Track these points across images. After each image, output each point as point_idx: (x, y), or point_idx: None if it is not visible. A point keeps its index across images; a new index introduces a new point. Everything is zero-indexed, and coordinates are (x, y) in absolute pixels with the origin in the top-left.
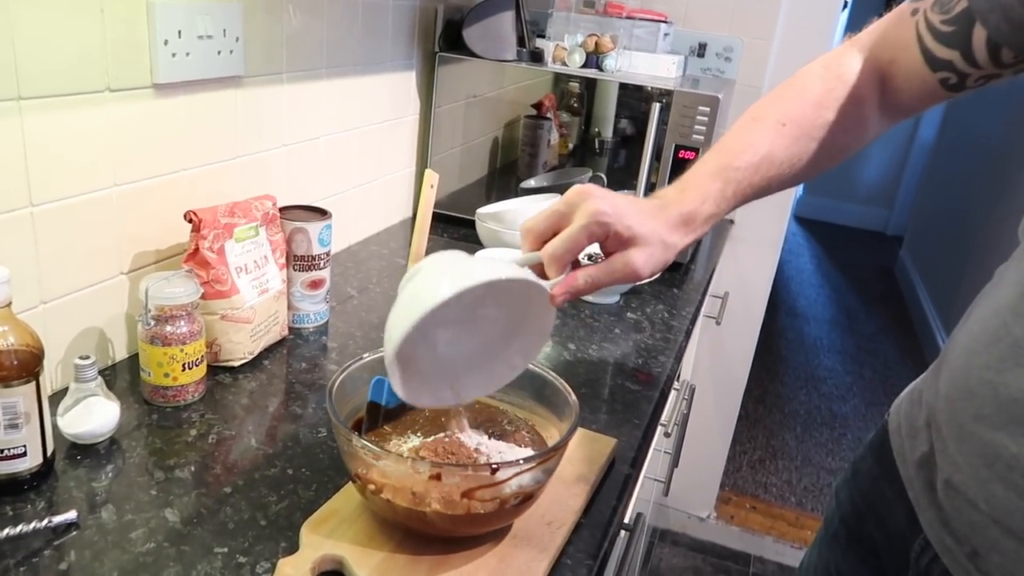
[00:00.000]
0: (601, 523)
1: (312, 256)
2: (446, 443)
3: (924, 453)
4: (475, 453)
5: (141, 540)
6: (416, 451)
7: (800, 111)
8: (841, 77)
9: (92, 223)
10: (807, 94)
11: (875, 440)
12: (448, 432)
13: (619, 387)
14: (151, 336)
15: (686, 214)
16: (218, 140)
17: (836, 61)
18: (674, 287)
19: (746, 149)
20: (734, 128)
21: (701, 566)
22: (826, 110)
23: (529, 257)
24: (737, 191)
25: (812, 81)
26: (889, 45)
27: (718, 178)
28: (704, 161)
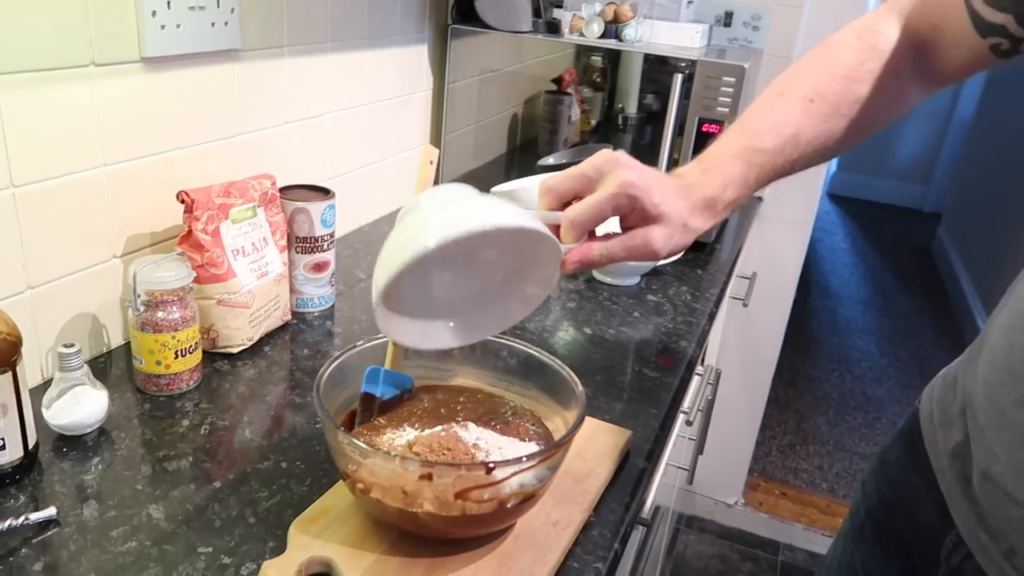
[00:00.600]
0: (612, 522)
1: (315, 238)
2: (442, 438)
3: (958, 442)
4: (473, 449)
5: (122, 539)
6: (410, 446)
7: (829, 85)
8: (876, 46)
9: (81, 205)
10: (838, 66)
11: (905, 428)
12: (446, 426)
13: (637, 374)
14: (141, 323)
15: (708, 199)
16: (215, 117)
17: (870, 28)
18: (698, 268)
19: (771, 129)
20: (758, 102)
21: (728, 553)
22: (858, 83)
23: (547, 215)
24: (760, 175)
25: (843, 51)
26: (931, 10)
27: (741, 161)
28: (727, 138)
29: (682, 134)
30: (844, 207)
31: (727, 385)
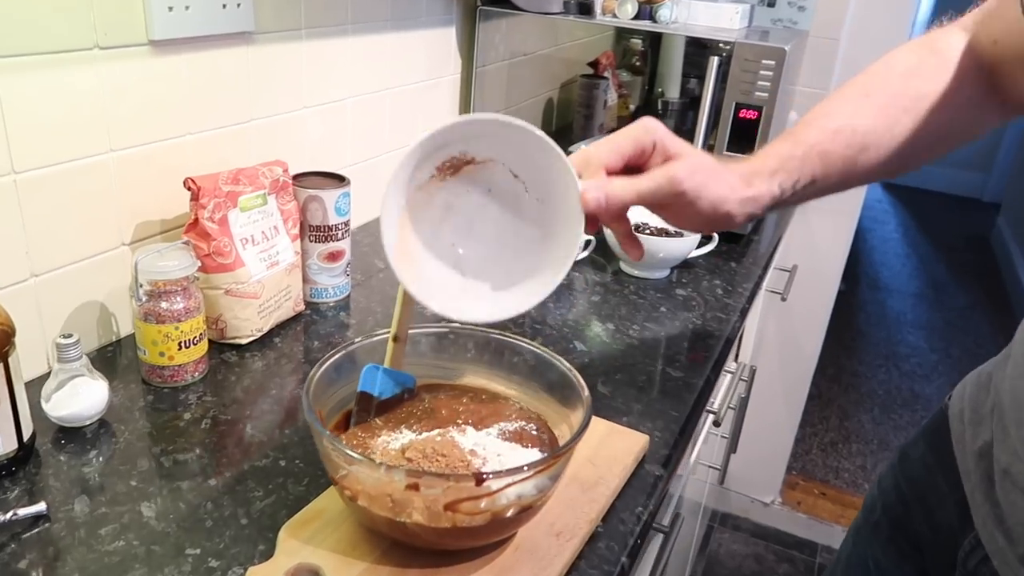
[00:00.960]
0: (621, 533)
1: (328, 226)
2: (437, 443)
3: (986, 442)
4: (469, 455)
5: (110, 537)
6: (404, 451)
7: (885, 81)
8: (936, 51)
9: (87, 191)
10: (894, 67)
11: (931, 425)
12: (443, 429)
13: (659, 373)
14: (144, 313)
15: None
16: (227, 102)
17: (931, 37)
18: (732, 261)
19: (820, 116)
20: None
21: (763, 553)
22: (917, 79)
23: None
24: (809, 154)
25: (900, 56)
26: (992, 23)
27: (787, 140)
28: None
29: (718, 120)
30: (897, 195)
31: (764, 381)
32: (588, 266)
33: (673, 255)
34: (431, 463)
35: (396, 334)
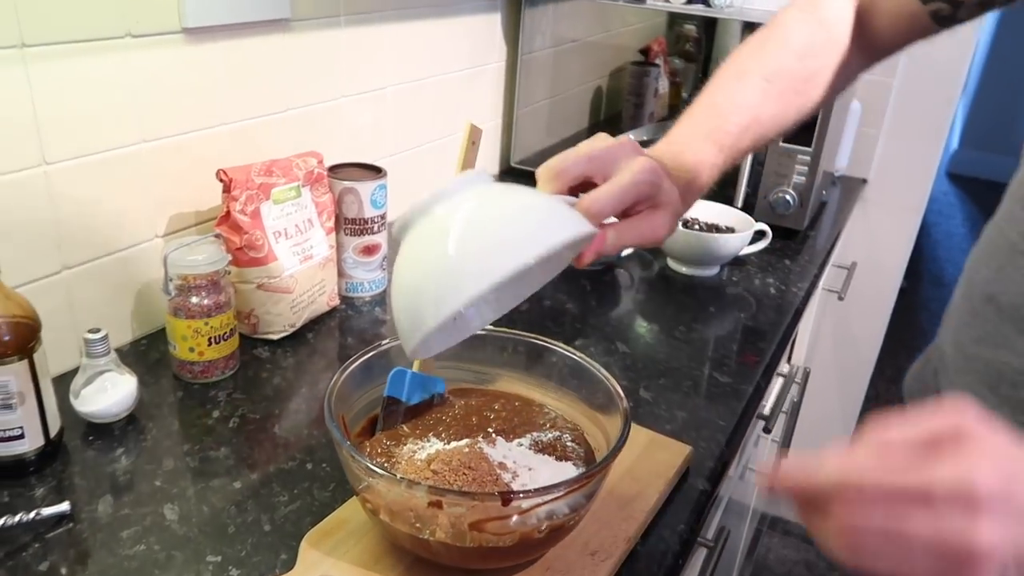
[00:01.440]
0: (660, 553)
1: (364, 219)
2: (465, 454)
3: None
4: (498, 469)
5: (131, 541)
6: (430, 462)
7: (782, 64)
8: (823, 21)
9: (119, 181)
10: (789, 43)
11: None
12: (472, 440)
13: (705, 378)
14: (174, 308)
15: (687, 184)
16: (263, 91)
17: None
18: (786, 258)
19: (735, 111)
20: (717, 82)
21: (814, 560)
22: (810, 59)
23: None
24: (727, 158)
25: (793, 27)
26: None
27: (712, 143)
28: (694, 117)
29: None
30: (964, 188)
31: (818, 383)
32: (634, 262)
33: (724, 252)
34: (457, 476)
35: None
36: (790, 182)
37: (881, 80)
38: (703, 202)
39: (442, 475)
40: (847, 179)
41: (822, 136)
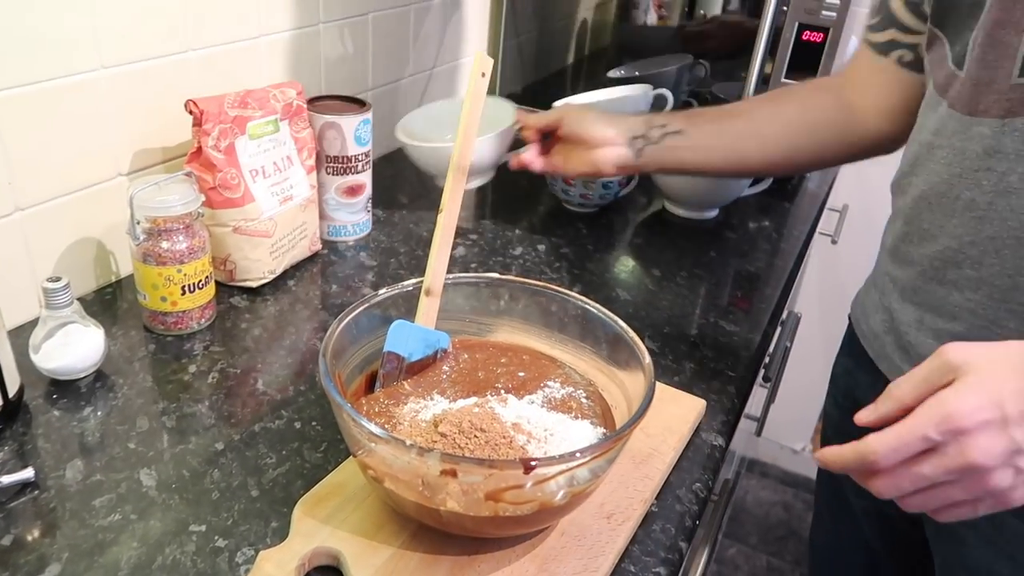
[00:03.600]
0: (678, 513)
1: (347, 157)
2: (475, 415)
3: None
4: (512, 430)
5: (104, 510)
6: (436, 423)
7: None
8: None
9: (75, 114)
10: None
11: (844, 342)
12: (481, 398)
13: (711, 327)
14: (143, 253)
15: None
16: (234, 14)
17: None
18: (785, 200)
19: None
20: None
21: (791, 501)
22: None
23: None
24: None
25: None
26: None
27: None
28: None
29: (778, 43)
30: None
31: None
32: (629, 204)
33: (725, 193)
34: (468, 439)
35: (429, 287)
36: None
37: None
38: None
39: (452, 438)
40: None
41: (826, 72)
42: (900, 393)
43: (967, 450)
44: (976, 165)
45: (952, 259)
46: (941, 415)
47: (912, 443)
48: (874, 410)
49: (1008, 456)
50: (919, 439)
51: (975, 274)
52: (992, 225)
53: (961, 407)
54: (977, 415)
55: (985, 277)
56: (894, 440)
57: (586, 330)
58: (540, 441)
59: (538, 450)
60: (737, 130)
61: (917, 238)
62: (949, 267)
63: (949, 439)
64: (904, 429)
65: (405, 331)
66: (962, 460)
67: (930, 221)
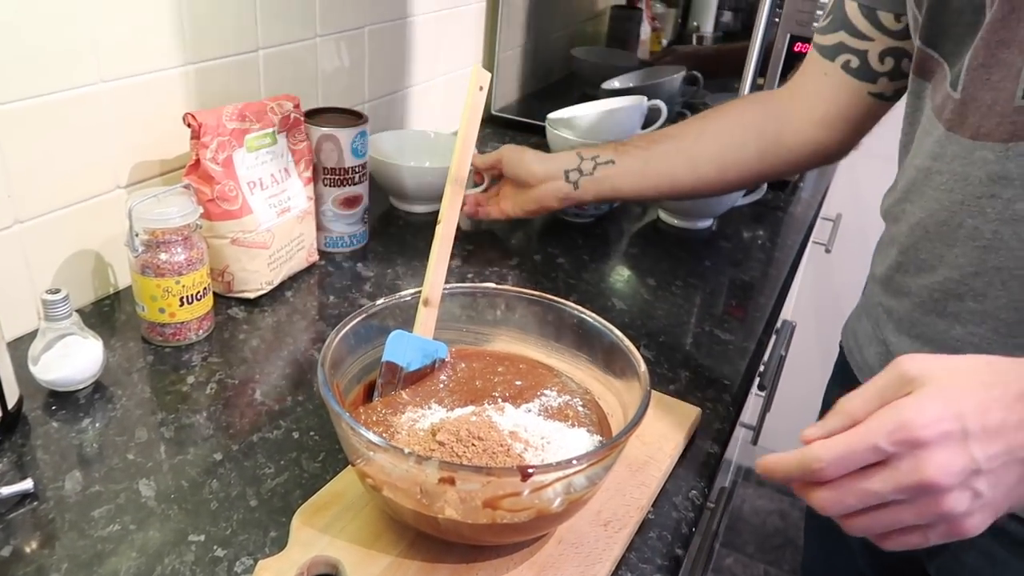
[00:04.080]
0: (674, 521)
1: (345, 169)
2: (472, 423)
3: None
4: (509, 439)
5: (104, 520)
6: (434, 432)
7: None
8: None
9: (75, 127)
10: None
11: (835, 371)
12: (478, 407)
13: (706, 336)
14: (142, 265)
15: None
16: (232, 29)
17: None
18: (778, 209)
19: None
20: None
21: (788, 510)
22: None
23: None
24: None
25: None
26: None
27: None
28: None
29: (770, 55)
30: None
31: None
32: (624, 214)
33: (717, 203)
34: (466, 447)
35: (427, 297)
36: None
37: None
38: None
39: (449, 447)
40: None
41: None
42: (852, 407)
43: (923, 465)
44: (980, 192)
45: (954, 291)
46: (895, 423)
47: (861, 453)
48: (822, 426)
49: (966, 475)
50: (869, 449)
51: (979, 307)
52: (998, 255)
53: (918, 416)
54: (936, 426)
55: (990, 310)
56: (842, 448)
57: (582, 339)
58: (537, 449)
59: (535, 458)
60: (665, 152)
61: (914, 268)
62: (950, 299)
63: (903, 451)
64: (854, 437)
65: (403, 341)
66: (916, 476)
67: (928, 251)
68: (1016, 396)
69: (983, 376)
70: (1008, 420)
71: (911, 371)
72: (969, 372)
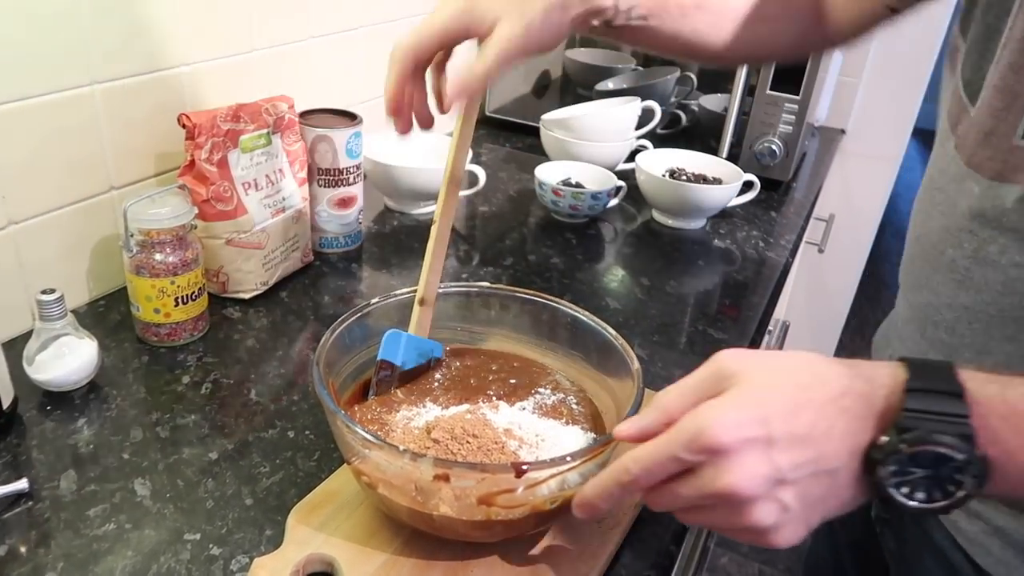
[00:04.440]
0: (668, 519)
1: (339, 169)
2: (467, 421)
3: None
4: (504, 436)
5: (99, 520)
6: (429, 430)
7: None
8: None
9: (68, 128)
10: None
11: None
12: (472, 405)
13: (700, 334)
14: (136, 266)
15: None
16: (226, 29)
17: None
18: (771, 209)
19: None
20: None
21: None
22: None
23: None
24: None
25: None
26: None
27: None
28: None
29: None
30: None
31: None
32: (618, 214)
33: (712, 204)
34: (461, 445)
35: (423, 296)
36: (776, 131)
37: None
38: (689, 152)
39: (444, 444)
40: (826, 129)
41: (810, 84)
42: (667, 401)
43: (723, 474)
44: (961, 224)
45: (931, 317)
46: (694, 431)
47: (665, 463)
48: (636, 421)
49: (770, 485)
50: (671, 459)
51: (948, 339)
52: (968, 294)
53: (719, 422)
54: (737, 432)
55: (956, 346)
56: (647, 460)
57: (576, 338)
58: (531, 446)
59: (529, 455)
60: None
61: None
62: (928, 324)
63: (705, 459)
64: (657, 448)
65: (399, 340)
66: (716, 485)
67: (919, 269)
68: (830, 399)
69: (801, 377)
70: (817, 426)
71: (728, 367)
72: (787, 371)
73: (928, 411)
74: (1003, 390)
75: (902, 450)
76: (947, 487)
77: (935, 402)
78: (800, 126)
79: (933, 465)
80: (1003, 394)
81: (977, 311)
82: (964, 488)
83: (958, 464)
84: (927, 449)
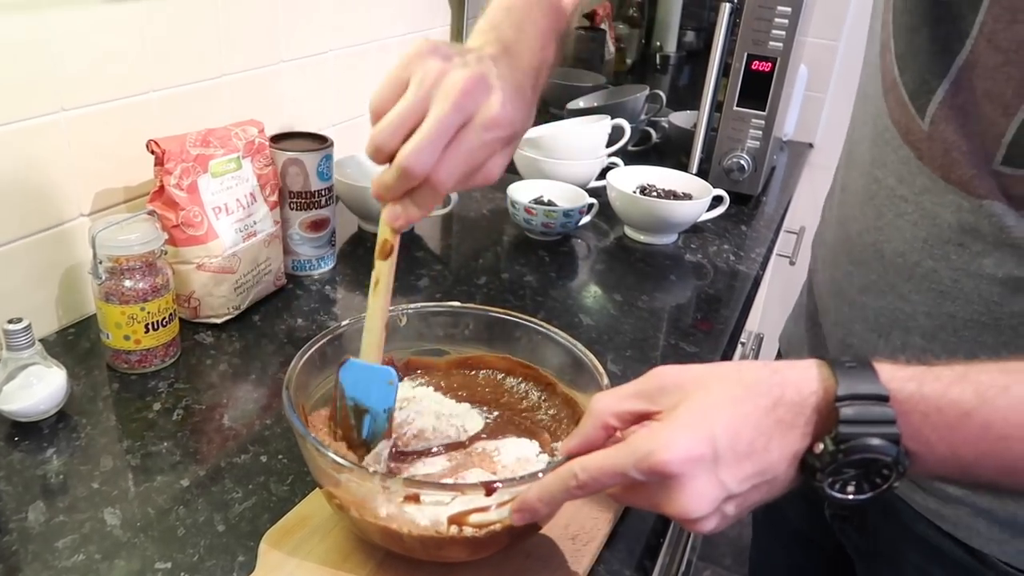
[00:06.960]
0: (642, 532)
1: (311, 192)
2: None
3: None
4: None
5: (68, 551)
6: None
7: None
8: None
9: (36, 155)
10: None
11: None
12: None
13: (672, 349)
14: (106, 292)
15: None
16: (194, 55)
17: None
18: (742, 223)
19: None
20: None
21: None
22: None
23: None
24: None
25: None
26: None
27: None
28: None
29: (728, 73)
30: None
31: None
32: (590, 231)
33: (683, 219)
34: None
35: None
36: (744, 147)
37: (827, 44)
38: (660, 169)
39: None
40: (794, 144)
41: (776, 99)
42: (600, 408)
43: (674, 497)
44: (947, 236)
45: (902, 322)
46: (645, 453)
47: (612, 476)
48: (577, 435)
49: (718, 503)
50: (620, 475)
51: (926, 344)
52: (955, 304)
53: (669, 449)
54: (687, 455)
55: (938, 352)
56: (595, 470)
57: (549, 355)
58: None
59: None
60: None
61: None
62: (895, 329)
63: (654, 479)
64: (607, 460)
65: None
66: (668, 508)
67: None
68: (765, 411)
69: (734, 390)
70: (757, 442)
71: (666, 383)
72: (721, 385)
73: (860, 420)
74: (920, 387)
75: (839, 458)
76: (874, 480)
77: (865, 410)
78: (767, 141)
79: (864, 465)
80: (921, 391)
81: (966, 319)
82: (889, 480)
83: (886, 463)
84: (861, 456)
